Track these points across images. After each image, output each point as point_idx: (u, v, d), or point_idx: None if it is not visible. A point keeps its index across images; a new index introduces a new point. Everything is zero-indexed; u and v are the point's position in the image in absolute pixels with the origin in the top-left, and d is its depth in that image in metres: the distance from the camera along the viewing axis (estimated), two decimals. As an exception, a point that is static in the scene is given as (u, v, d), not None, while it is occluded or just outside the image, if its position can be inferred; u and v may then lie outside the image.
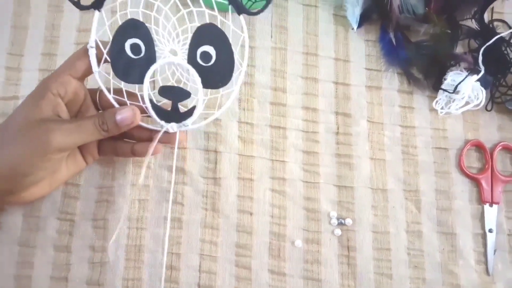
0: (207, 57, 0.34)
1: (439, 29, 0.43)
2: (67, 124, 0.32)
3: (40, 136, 0.31)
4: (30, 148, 0.31)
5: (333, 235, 0.40)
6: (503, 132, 0.43)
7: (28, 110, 0.32)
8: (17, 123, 0.32)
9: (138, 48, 0.34)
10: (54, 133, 0.31)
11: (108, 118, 0.33)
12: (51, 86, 0.33)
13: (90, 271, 0.38)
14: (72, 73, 0.33)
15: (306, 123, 0.43)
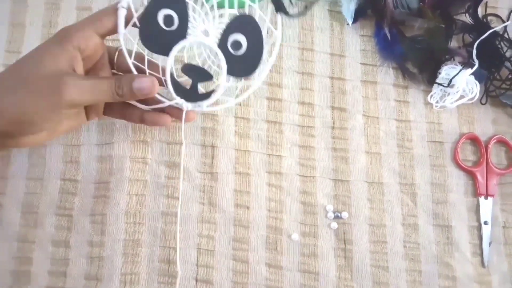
0: (237, 46, 0.34)
1: (434, 23, 0.43)
2: (83, 81, 0.32)
3: (54, 88, 0.31)
4: (42, 98, 0.31)
5: (329, 228, 0.40)
6: (498, 125, 0.44)
7: (44, 58, 0.31)
8: (31, 69, 0.31)
9: (171, 20, 0.33)
10: (69, 88, 0.31)
11: (125, 84, 0.32)
12: (73, 38, 0.32)
13: (88, 266, 0.38)
14: (96, 28, 0.33)
15: (302, 118, 0.43)
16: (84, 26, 0.33)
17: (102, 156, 0.41)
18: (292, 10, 0.37)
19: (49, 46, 0.32)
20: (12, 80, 0.32)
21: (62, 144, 0.41)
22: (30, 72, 0.31)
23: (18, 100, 0.31)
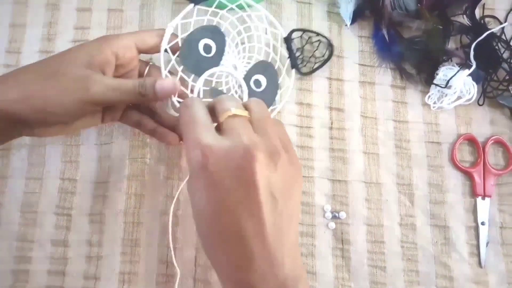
0: (258, 84, 0.40)
1: (431, 25, 0.43)
2: (109, 80, 0.33)
3: (82, 83, 0.32)
4: (68, 91, 0.32)
5: (327, 228, 0.41)
6: (495, 126, 0.44)
7: (79, 56, 0.33)
8: (64, 62, 0.33)
9: (210, 49, 0.38)
10: (95, 85, 0.32)
11: (148, 84, 0.34)
12: (113, 43, 0.34)
13: (87, 265, 0.39)
14: (137, 42, 0.35)
15: (301, 118, 0.43)
16: (127, 36, 0.35)
17: (101, 156, 0.41)
18: (303, 69, 0.44)
19: (87, 46, 0.34)
20: (44, 69, 0.33)
21: (61, 143, 0.41)
22: (62, 64, 0.33)
23: (46, 89, 0.32)
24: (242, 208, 0.26)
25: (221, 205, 0.26)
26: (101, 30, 0.44)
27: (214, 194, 0.26)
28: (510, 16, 0.46)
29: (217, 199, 0.26)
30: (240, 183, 0.26)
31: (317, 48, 0.44)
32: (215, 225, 0.27)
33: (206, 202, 0.27)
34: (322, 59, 0.44)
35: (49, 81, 0.32)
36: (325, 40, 0.44)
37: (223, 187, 0.26)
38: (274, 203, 0.26)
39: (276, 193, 0.27)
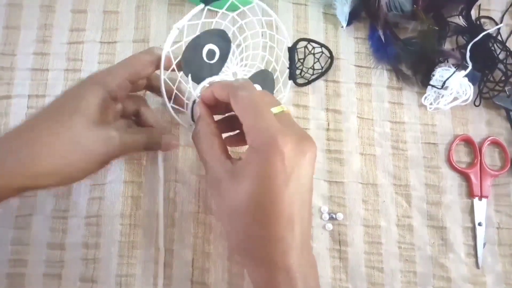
0: None
1: (427, 26, 0.43)
2: (125, 137, 0.34)
3: (100, 146, 0.32)
4: (90, 156, 0.32)
5: (324, 229, 0.41)
6: (491, 127, 0.44)
7: (87, 112, 0.32)
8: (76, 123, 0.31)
9: (213, 55, 0.37)
10: (112, 144, 0.33)
11: (155, 144, 0.37)
12: (114, 91, 0.33)
13: (83, 268, 0.38)
14: (131, 77, 0.34)
15: (297, 120, 0.43)
16: (120, 74, 0.34)
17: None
18: (300, 80, 0.44)
19: (87, 96, 0.32)
20: (59, 135, 0.31)
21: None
22: (77, 126, 0.31)
23: (69, 160, 0.31)
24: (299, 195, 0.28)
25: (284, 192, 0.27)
26: (97, 32, 0.44)
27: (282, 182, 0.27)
28: (506, 17, 0.47)
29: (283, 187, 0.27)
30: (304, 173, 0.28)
31: (317, 60, 0.44)
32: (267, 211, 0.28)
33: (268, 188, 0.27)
34: (319, 71, 0.44)
35: (68, 148, 0.31)
36: (327, 52, 0.44)
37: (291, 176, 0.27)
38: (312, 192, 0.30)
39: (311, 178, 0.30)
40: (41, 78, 0.43)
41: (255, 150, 0.28)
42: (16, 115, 0.41)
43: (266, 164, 0.27)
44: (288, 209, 0.28)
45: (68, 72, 0.43)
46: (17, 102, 0.42)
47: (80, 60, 0.43)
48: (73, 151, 0.31)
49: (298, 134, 0.29)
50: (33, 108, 0.42)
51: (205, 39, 0.36)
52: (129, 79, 0.34)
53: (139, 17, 0.45)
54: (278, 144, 0.27)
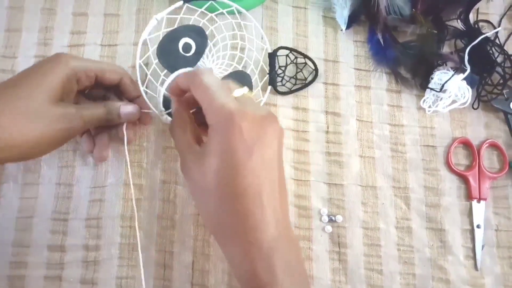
0: None
1: (426, 29, 0.44)
2: (86, 112, 0.35)
3: (63, 123, 0.33)
4: (52, 132, 0.33)
5: (324, 232, 0.41)
6: (490, 129, 0.44)
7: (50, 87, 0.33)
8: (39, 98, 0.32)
9: (189, 48, 0.39)
10: (75, 121, 0.34)
11: (114, 110, 0.36)
12: (80, 74, 0.35)
13: (84, 270, 0.38)
14: (98, 73, 0.36)
15: (297, 123, 0.43)
16: (90, 64, 0.36)
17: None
18: (281, 88, 0.44)
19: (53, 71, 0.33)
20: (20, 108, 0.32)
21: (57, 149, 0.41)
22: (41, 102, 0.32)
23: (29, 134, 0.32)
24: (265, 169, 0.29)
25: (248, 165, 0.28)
26: (97, 35, 0.44)
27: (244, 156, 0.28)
28: (504, 21, 0.47)
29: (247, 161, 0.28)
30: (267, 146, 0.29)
31: (300, 70, 0.44)
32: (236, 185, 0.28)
33: (230, 160, 0.28)
34: (303, 82, 0.43)
35: (29, 123, 0.32)
36: (311, 63, 0.44)
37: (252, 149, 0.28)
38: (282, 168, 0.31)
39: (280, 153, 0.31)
40: (42, 81, 0.43)
41: (214, 128, 0.29)
42: (17, 118, 0.42)
43: (225, 139, 0.28)
44: (253, 182, 0.28)
45: (69, 74, 0.43)
46: (18, 104, 0.42)
47: (81, 63, 0.43)
48: (32, 126, 0.32)
49: (258, 111, 0.30)
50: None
51: (182, 33, 0.39)
52: (96, 72, 0.36)
53: (140, 20, 0.45)
54: (235, 119, 0.28)
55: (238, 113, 0.28)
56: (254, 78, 0.42)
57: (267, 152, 0.29)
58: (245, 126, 0.28)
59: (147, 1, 0.46)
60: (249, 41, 0.43)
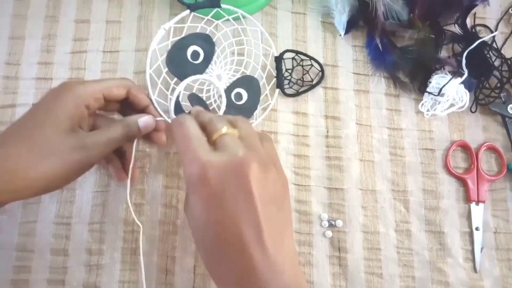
0: (239, 97, 0.42)
1: (424, 34, 0.44)
2: (99, 136, 0.33)
3: (77, 153, 0.32)
4: (67, 165, 0.31)
5: (324, 237, 0.41)
6: (488, 133, 0.45)
7: (60, 119, 0.32)
8: (48, 132, 0.31)
9: (197, 56, 0.40)
10: (90, 149, 0.32)
11: (132, 123, 0.35)
12: (84, 96, 0.33)
13: (86, 274, 0.39)
14: (105, 93, 0.35)
15: (297, 127, 0.44)
16: (95, 86, 0.34)
17: (100, 166, 0.41)
18: (289, 90, 0.44)
19: (60, 103, 0.32)
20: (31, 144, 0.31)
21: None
22: (50, 135, 0.31)
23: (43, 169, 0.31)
24: (241, 215, 0.27)
25: (223, 215, 0.27)
26: (99, 41, 0.45)
27: (216, 204, 0.28)
28: (501, 25, 0.48)
29: (219, 209, 0.28)
30: (239, 192, 0.27)
31: (307, 72, 0.44)
32: (217, 235, 0.28)
33: (207, 214, 0.28)
34: (310, 83, 0.44)
35: (43, 159, 0.31)
36: (317, 65, 0.44)
37: (224, 197, 0.27)
38: (269, 209, 0.28)
39: (270, 201, 0.28)
40: (45, 87, 0.43)
41: (187, 182, 0.29)
42: (20, 124, 0.42)
43: (195, 196, 0.28)
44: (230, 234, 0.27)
45: (72, 81, 0.44)
46: (21, 111, 0.42)
47: (83, 69, 0.44)
48: (46, 163, 0.31)
49: (229, 157, 0.28)
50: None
51: (190, 41, 0.40)
52: (103, 92, 0.35)
53: (141, 27, 0.46)
54: (204, 174, 0.27)
55: (207, 165, 0.28)
56: (262, 82, 0.43)
57: (241, 198, 0.27)
58: (214, 179, 0.27)
59: (148, 8, 0.46)
60: (255, 46, 0.44)
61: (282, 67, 0.44)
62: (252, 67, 0.43)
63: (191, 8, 0.41)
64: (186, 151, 0.29)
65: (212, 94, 0.42)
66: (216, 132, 0.30)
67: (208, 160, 0.28)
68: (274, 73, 0.44)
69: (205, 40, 0.41)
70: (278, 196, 0.29)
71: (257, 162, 0.28)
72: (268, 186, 0.28)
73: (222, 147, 0.29)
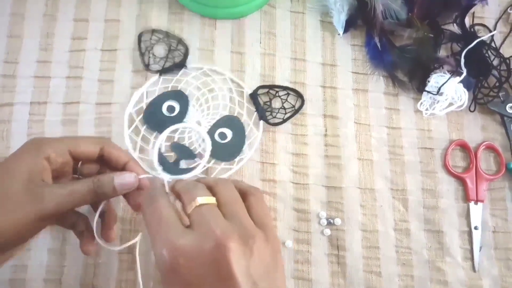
0: (223, 136, 0.42)
1: (422, 33, 0.44)
2: (59, 188, 0.30)
3: (31, 202, 0.29)
4: (18, 212, 0.29)
5: (322, 235, 0.41)
6: (486, 132, 0.45)
7: (17, 171, 0.30)
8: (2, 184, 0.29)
9: (173, 109, 0.43)
10: (46, 198, 0.29)
11: (106, 182, 0.31)
12: (46, 150, 0.31)
13: (83, 273, 0.39)
14: (71, 148, 0.32)
15: (295, 126, 0.44)
16: (61, 142, 0.32)
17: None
18: (273, 120, 0.43)
19: (20, 158, 0.31)
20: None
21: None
22: (3, 185, 0.29)
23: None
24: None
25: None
26: (98, 40, 0.45)
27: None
28: (499, 24, 0.48)
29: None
30: (218, 278, 0.25)
31: (285, 101, 0.44)
32: None
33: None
34: (293, 109, 0.43)
35: (5, 211, 0.28)
36: (293, 92, 0.44)
37: (200, 287, 0.25)
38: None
39: (257, 279, 0.26)
40: (43, 86, 0.43)
41: (157, 264, 0.27)
42: (18, 122, 0.42)
43: (165, 278, 0.26)
44: None
45: (70, 79, 0.44)
46: (19, 109, 0.42)
47: (81, 68, 0.44)
48: (5, 213, 0.29)
49: (204, 238, 0.26)
50: (35, 115, 0.42)
51: (164, 98, 0.43)
52: (68, 147, 0.32)
53: (140, 26, 0.45)
54: (171, 266, 0.25)
55: (178, 251, 0.25)
56: (243, 119, 0.43)
57: (221, 284, 0.25)
58: (186, 268, 0.25)
59: (147, 7, 0.46)
60: (228, 90, 0.44)
61: (259, 101, 0.43)
62: (229, 108, 0.43)
63: (161, 72, 0.44)
64: (156, 235, 0.27)
65: (195, 140, 0.42)
66: (190, 204, 0.28)
67: (180, 244, 0.25)
68: (253, 108, 0.43)
69: (178, 94, 0.43)
70: (267, 268, 0.27)
71: (237, 237, 0.26)
72: (254, 262, 0.26)
73: (197, 224, 0.27)
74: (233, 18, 0.46)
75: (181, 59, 0.44)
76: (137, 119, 0.42)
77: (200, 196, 0.28)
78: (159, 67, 0.44)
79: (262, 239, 0.27)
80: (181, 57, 0.44)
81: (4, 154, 0.41)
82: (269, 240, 0.28)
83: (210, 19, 0.46)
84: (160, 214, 0.27)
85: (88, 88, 0.43)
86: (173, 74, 0.44)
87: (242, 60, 0.45)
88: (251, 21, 0.46)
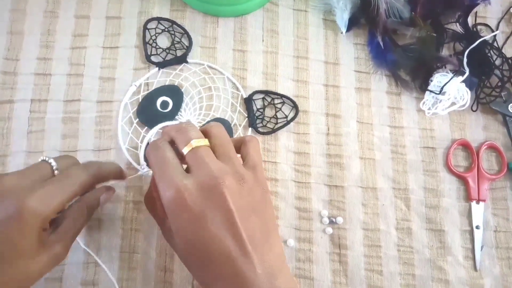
0: None
1: (425, 32, 0.44)
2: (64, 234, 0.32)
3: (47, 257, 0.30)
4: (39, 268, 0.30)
5: (324, 233, 0.41)
6: (488, 131, 0.45)
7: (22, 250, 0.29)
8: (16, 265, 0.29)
9: (167, 105, 0.42)
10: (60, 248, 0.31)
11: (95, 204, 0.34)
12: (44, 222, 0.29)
13: (84, 272, 0.38)
14: (68, 199, 0.31)
15: (297, 125, 0.44)
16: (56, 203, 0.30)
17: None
18: (263, 128, 0.43)
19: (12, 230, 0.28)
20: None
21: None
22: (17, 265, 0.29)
23: None
24: (225, 233, 0.28)
25: (207, 235, 0.28)
26: (99, 37, 0.45)
27: (198, 224, 0.28)
28: (502, 24, 0.48)
29: (202, 230, 0.28)
30: (218, 210, 0.28)
31: (279, 110, 0.43)
32: (205, 256, 0.29)
33: (192, 236, 0.29)
34: (285, 119, 0.43)
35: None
36: (289, 101, 0.43)
37: (205, 218, 0.28)
38: (251, 220, 0.29)
39: (250, 211, 0.29)
40: (44, 83, 0.43)
41: (164, 205, 0.29)
42: (18, 120, 0.42)
43: (174, 217, 0.29)
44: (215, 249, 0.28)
45: (71, 76, 0.43)
46: (19, 106, 0.42)
47: (82, 65, 0.44)
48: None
49: (202, 177, 0.29)
50: (36, 112, 0.42)
51: (159, 93, 0.43)
52: (66, 201, 0.31)
53: (141, 23, 0.45)
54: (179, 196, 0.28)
55: (182, 189, 0.28)
56: (233, 123, 0.43)
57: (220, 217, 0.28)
58: (191, 202, 0.28)
59: (148, 4, 0.46)
60: (223, 91, 0.44)
61: (253, 107, 0.43)
62: (222, 110, 0.43)
63: (160, 65, 0.43)
64: (162, 177, 0.29)
65: None
66: (185, 147, 0.30)
67: (182, 183, 0.28)
68: (245, 113, 0.43)
69: (174, 90, 0.43)
70: (258, 204, 0.30)
71: (231, 175, 0.29)
72: (246, 197, 0.29)
73: (194, 165, 0.30)
74: (235, 16, 0.46)
75: (183, 52, 0.44)
76: (131, 110, 0.42)
77: (194, 139, 0.30)
78: (160, 58, 0.44)
79: (252, 179, 0.30)
80: (183, 51, 0.44)
81: (4, 152, 0.41)
82: (259, 181, 0.31)
83: (213, 17, 0.46)
84: (164, 158, 0.30)
85: (89, 85, 0.43)
86: (173, 68, 0.44)
87: (244, 58, 0.45)
88: (253, 19, 0.46)
